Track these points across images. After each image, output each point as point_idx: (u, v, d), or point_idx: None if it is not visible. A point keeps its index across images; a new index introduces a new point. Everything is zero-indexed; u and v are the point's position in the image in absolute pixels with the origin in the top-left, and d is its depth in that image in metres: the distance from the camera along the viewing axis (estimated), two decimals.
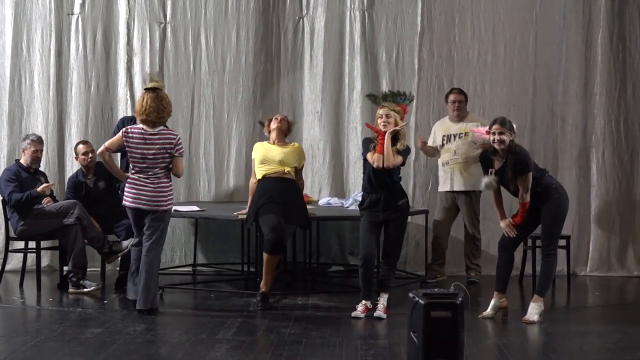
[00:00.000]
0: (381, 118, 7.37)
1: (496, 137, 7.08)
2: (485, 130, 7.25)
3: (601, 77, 9.72)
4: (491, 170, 7.19)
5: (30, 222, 8.49)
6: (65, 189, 9.05)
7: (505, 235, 7.31)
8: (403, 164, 7.45)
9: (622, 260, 9.75)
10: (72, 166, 9.58)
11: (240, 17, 9.85)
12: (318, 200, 9.62)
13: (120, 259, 8.66)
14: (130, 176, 7.41)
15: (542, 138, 9.74)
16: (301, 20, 9.93)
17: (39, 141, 8.75)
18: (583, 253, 9.75)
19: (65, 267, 8.67)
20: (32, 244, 8.73)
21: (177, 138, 7.40)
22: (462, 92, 9.17)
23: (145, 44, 9.85)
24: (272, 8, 9.89)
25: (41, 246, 8.72)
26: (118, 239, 8.66)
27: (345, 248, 9.87)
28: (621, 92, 9.73)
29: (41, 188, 8.44)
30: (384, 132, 7.30)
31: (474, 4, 9.75)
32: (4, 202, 8.64)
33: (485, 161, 7.27)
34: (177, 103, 9.50)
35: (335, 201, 9.41)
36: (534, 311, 7.19)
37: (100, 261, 9.01)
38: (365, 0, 9.80)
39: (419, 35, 9.76)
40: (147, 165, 7.33)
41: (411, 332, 5.48)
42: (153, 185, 7.33)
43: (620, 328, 7.07)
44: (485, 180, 7.20)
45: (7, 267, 9.02)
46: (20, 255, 9.04)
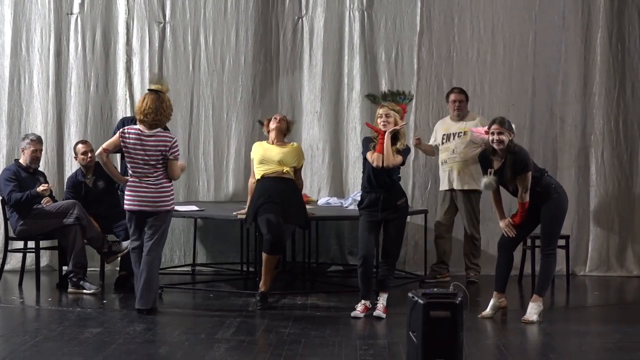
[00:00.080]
0: (381, 117, 7.37)
1: (495, 137, 7.07)
2: (484, 130, 7.25)
3: (600, 77, 9.72)
4: (490, 170, 7.18)
5: (29, 222, 8.48)
6: (64, 189, 9.05)
7: (504, 235, 7.31)
8: (403, 164, 7.45)
9: (622, 260, 9.75)
10: (72, 166, 9.58)
11: (239, 17, 9.85)
12: (317, 200, 9.63)
13: (120, 259, 8.67)
14: (128, 179, 7.41)
15: (541, 138, 9.74)
16: (300, 20, 9.92)
17: (39, 141, 8.75)
18: (582, 253, 9.75)
19: (64, 267, 8.66)
20: (32, 244, 8.72)
21: (173, 141, 7.37)
22: (463, 92, 9.17)
23: (144, 44, 9.85)
24: (272, 8, 9.89)
25: (40, 246, 8.71)
26: (117, 239, 8.66)
27: (344, 248, 9.86)
28: (620, 92, 9.73)
29: (41, 188, 8.44)
30: (384, 132, 7.30)
31: (473, 4, 9.75)
32: (3, 202, 8.63)
33: (484, 161, 7.26)
34: (177, 103, 9.46)
35: (334, 201, 9.42)
36: (533, 311, 7.19)
37: (99, 261, 9.01)
38: (364, 0, 9.81)
39: (418, 35, 9.76)
40: (143, 166, 7.32)
41: (410, 332, 5.48)
42: (154, 186, 7.32)
43: (619, 328, 7.07)
44: (484, 180, 7.20)
45: (6, 267, 9.01)
46: (19, 255, 9.04)
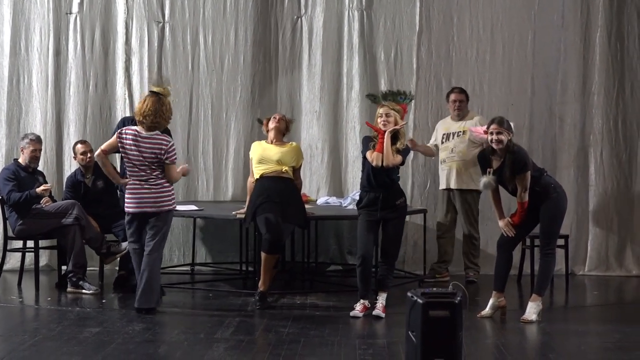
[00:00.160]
0: (381, 117, 7.36)
1: (494, 137, 7.07)
2: (483, 129, 7.25)
3: (599, 77, 9.72)
4: (489, 169, 7.18)
5: (28, 222, 8.48)
6: (63, 189, 9.04)
7: (503, 234, 7.31)
8: (402, 164, 7.45)
9: (621, 259, 9.75)
10: (71, 165, 9.57)
11: (238, 17, 9.85)
12: (316, 199, 9.62)
13: (119, 259, 8.66)
14: (126, 181, 7.40)
15: (541, 137, 9.74)
16: (299, 19, 9.92)
17: (38, 140, 8.75)
18: (581, 252, 9.75)
19: (63, 267, 8.66)
20: (31, 244, 8.72)
21: (169, 145, 7.34)
22: (463, 91, 9.16)
23: (143, 44, 9.84)
24: (271, 7, 9.88)
25: (39, 246, 8.71)
26: (117, 239, 8.66)
27: (343, 247, 9.86)
28: (619, 92, 9.73)
29: (40, 189, 8.43)
30: (384, 131, 7.30)
31: (472, 4, 9.74)
32: (2, 202, 8.63)
33: (483, 161, 7.26)
34: (176, 102, 9.45)
35: (333, 200, 9.41)
36: (533, 310, 7.19)
37: (99, 261, 9.00)
38: None
39: (418, 34, 9.76)
40: (140, 167, 7.31)
41: (409, 332, 5.47)
42: (154, 187, 7.32)
43: (618, 327, 7.07)
44: (483, 179, 7.20)
45: (6, 267, 9.01)
46: (18, 254, 9.05)
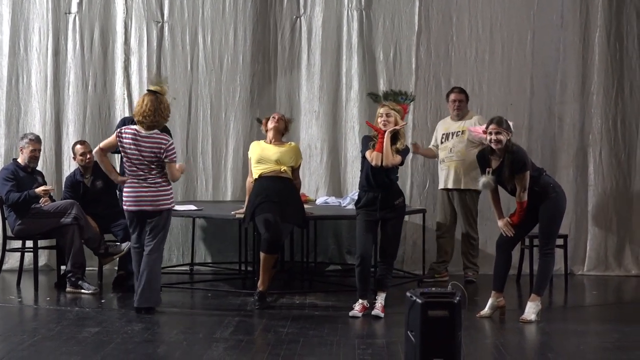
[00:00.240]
0: (381, 117, 7.36)
1: (493, 137, 7.07)
2: (482, 129, 7.25)
3: (598, 77, 9.72)
4: (488, 169, 7.18)
5: (27, 222, 8.47)
6: (62, 188, 9.04)
7: (502, 234, 7.31)
8: (401, 164, 7.44)
9: (620, 259, 9.75)
10: (70, 165, 9.57)
11: (237, 16, 9.85)
12: (315, 199, 9.62)
13: (118, 259, 8.66)
14: (125, 179, 7.40)
15: (540, 137, 9.74)
16: (298, 19, 9.92)
17: (37, 140, 8.74)
18: (580, 252, 9.75)
19: (62, 267, 8.65)
20: (30, 244, 8.71)
21: (168, 144, 7.34)
22: (463, 91, 9.16)
23: (142, 43, 9.84)
24: (270, 7, 9.88)
25: (38, 245, 8.71)
26: (116, 239, 8.65)
27: (342, 247, 9.86)
28: (618, 92, 9.73)
29: (40, 189, 8.42)
30: (384, 131, 7.30)
31: (472, 3, 9.74)
32: (1, 202, 8.62)
33: (482, 160, 7.26)
34: (175, 102, 9.49)
35: (332, 200, 9.41)
36: (532, 310, 7.19)
37: (98, 260, 8.99)
38: None
39: (417, 34, 9.75)
40: (139, 166, 7.31)
41: (409, 331, 5.47)
42: (153, 186, 7.32)
43: (617, 327, 7.07)
44: (482, 179, 7.20)
45: (5, 267, 9.00)
46: (17, 254, 9.05)
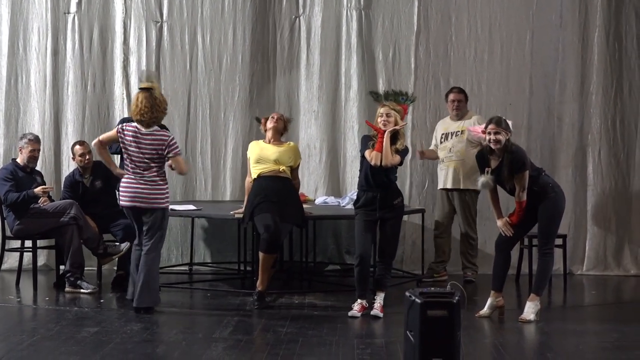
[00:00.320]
0: (381, 117, 7.36)
1: (492, 137, 7.07)
2: (481, 129, 7.25)
3: (597, 77, 9.72)
4: (487, 169, 7.18)
5: (26, 222, 8.47)
6: (61, 188, 9.04)
7: (502, 234, 7.31)
8: (401, 164, 7.44)
9: (619, 259, 9.75)
10: (69, 165, 9.57)
11: (236, 16, 9.85)
12: (314, 199, 9.62)
13: (117, 259, 8.65)
14: (124, 172, 7.41)
15: (539, 137, 9.74)
16: (298, 19, 9.92)
17: (37, 140, 8.73)
18: (579, 252, 9.75)
19: (61, 266, 8.65)
20: (29, 243, 8.71)
21: (170, 139, 7.36)
22: (462, 91, 9.16)
23: (141, 43, 9.84)
24: (269, 7, 9.88)
25: (37, 245, 8.70)
26: (115, 239, 8.65)
27: (341, 247, 9.85)
28: (617, 91, 9.73)
29: (39, 189, 8.42)
30: (384, 131, 7.30)
31: (471, 3, 9.74)
32: (0, 202, 8.62)
33: (481, 160, 7.26)
34: (174, 102, 9.50)
35: (331, 200, 9.41)
36: (531, 310, 7.19)
37: (97, 261, 8.99)
38: None
39: (416, 34, 9.75)
40: (138, 163, 7.32)
41: (408, 331, 5.48)
42: (149, 184, 7.33)
43: (616, 327, 7.07)
44: (481, 179, 7.20)
45: (4, 266, 9.00)
46: (16, 254, 9.04)
